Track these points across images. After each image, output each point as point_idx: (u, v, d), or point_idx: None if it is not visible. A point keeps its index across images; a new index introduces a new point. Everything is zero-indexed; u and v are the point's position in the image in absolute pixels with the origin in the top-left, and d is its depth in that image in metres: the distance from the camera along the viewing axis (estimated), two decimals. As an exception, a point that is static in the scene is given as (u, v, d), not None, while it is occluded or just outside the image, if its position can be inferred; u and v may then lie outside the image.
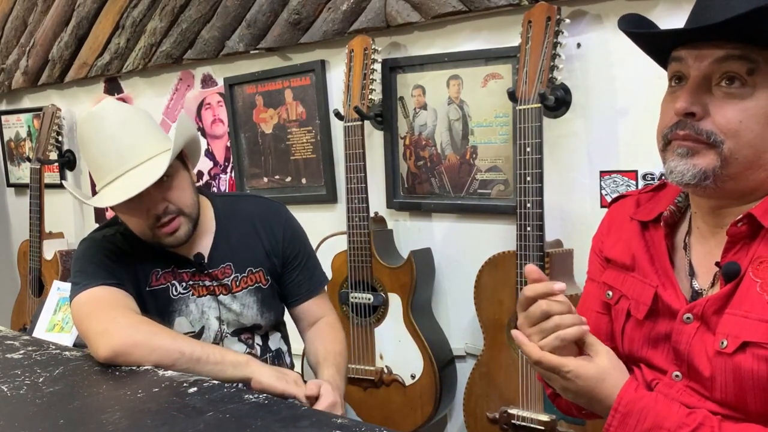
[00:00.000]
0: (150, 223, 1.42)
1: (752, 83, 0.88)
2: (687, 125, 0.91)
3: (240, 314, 1.56)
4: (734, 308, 0.91)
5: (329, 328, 1.65)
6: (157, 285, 1.51)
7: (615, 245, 1.11)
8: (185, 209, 1.45)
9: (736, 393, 0.90)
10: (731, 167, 0.90)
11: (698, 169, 0.91)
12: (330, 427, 0.96)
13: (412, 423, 2.10)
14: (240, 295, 1.56)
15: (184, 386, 1.16)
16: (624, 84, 1.78)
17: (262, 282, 1.59)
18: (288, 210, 1.69)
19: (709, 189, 0.93)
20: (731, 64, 0.88)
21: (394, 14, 2.09)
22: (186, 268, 1.53)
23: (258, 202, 1.67)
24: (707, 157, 0.91)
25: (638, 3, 1.71)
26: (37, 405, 1.11)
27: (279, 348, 1.66)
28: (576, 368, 0.94)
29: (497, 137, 2.01)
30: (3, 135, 3.68)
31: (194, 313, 1.53)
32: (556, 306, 0.94)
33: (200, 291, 1.54)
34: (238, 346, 1.58)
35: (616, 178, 1.82)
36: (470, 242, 2.12)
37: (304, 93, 2.44)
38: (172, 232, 1.43)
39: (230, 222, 1.59)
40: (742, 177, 0.91)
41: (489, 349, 1.91)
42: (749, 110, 0.88)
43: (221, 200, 1.63)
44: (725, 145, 0.89)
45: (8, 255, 3.74)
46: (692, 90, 0.91)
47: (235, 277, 1.56)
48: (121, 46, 2.90)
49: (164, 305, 1.51)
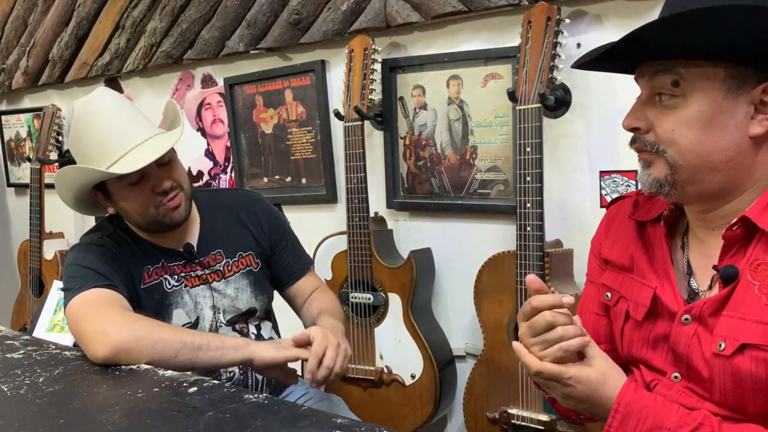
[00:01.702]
0: (155, 200, 1.47)
1: (681, 93, 0.93)
2: (637, 139, 1.00)
3: (235, 298, 1.60)
4: (732, 310, 0.91)
5: (322, 293, 1.74)
6: (151, 281, 1.53)
7: (613, 246, 1.11)
8: (184, 185, 1.52)
9: (734, 394, 0.90)
10: (681, 173, 0.95)
11: (653, 178, 0.97)
12: (330, 427, 0.96)
13: (412, 423, 2.10)
14: (233, 279, 1.60)
15: (184, 386, 1.16)
16: (624, 84, 1.77)
17: (252, 265, 1.64)
18: (265, 198, 1.76)
19: (673, 195, 0.97)
20: (659, 79, 0.95)
21: (394, 14, 2.09)
22: (176, 261, 1.56)
23: (237, 193, 1.77)
24: (659, 167, 0.97)
25: (638, 3, 1.71)
26: (37, 405, 1.11)
27: (271, 337, 1.69)
28: (576, 374, 0.95)
29: (497, 137, 2.01)
30: (3, 135, 3.68)
31: (189, 304, 1.56)
32: (561, 317, 0.95)
33: (193, 281, 1.57)
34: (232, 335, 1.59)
35: (616, 178, 1.82)
36: (470, 242, 2.12)
37: (304, 93, 2.44)
38: (175, 207, 1.49)
39: (213, 212, 1.64)
40: (698, 181, 0.95)
41: (489, 349, 1.91)
42: (680, 119, 0.93)
43: (201, 194, 1.69)
44: (667, 153, 0.95)
45: (8, 255, 3.74)
46: (636, 108, 0.99)
47: (227, 262, 1.60)
48: (121, 46, 2.90)
49: (161, 300, 1.53)
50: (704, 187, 0.95)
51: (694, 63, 0.91)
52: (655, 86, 0.95)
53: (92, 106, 1.46)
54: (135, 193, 1.46)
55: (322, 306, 1.66)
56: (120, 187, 1.46)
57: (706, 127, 0.92)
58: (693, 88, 0.92)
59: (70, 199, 1.52)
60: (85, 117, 1.45)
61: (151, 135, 1.46)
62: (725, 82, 0.91)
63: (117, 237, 1.53)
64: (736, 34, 0.86)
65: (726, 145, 0.92)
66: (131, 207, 1.48)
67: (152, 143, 1.44)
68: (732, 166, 0.93)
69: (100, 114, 1.45)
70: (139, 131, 1.45)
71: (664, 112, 0.95)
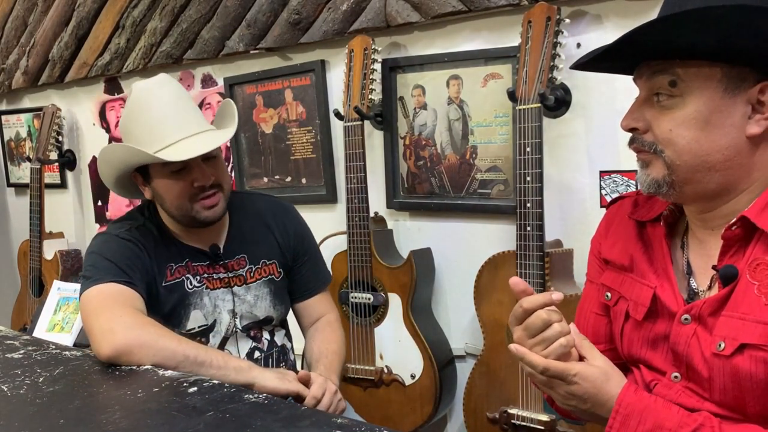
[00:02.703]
0: (192, 193, 1.47)
1: (678, 93, 0.93)
2: (636, 139, 1.00)
3: (254, 305, 1.59)
4: (731, 310, 0.91)
5: (328, 327, 1.69)
6: (173, 279, 1.53)
7: (613, 246, 1.11)
8: (225, 186, 1.52)
9: (734, 394, 0.90)
10: (679, 173, 0.95)
11: (651, 179, 0.97)
12: (330, 427, 0.96)
13: (412, 423, 2.10)
14: (254, 285, 1.59)
15: (184, 386, 1.16)
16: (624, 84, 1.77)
17: (275, 274, 1.63)
18: (296, 209, 1.74)
19: (671, 195, 0.97)
20: (656, 80, 0.95)
21: (394, 14, 2.09)
22: (200, 261, 1.55)
23: (268, 200, 1.73)
24: (657, 167, 0.97)
25: (638, 3, 1.71)
26: (37, 405, 1.11)
27: (284, 344, 1.68)
28: (581, 370, 0.95)
29: (497, 137, 2.01)
30: (3, 135, 3.68)
31: (207, 306, 1.55)
32: (555, 314, 0.96)
33: (214, 284, 1.56)
34: (245, 342, 1.59)
35: (616, 178, 1.82)
36: (470, 242, 2.12)
37: (304, 93, 2.44)
38: (212, 206, 1.49)
39: (242, 216, 1.63)
40: (696, 181, 0.95)
41: (489, 349, 1.91)
42: (678, 119, 0.93)
43: (233, 195, 1.65)
44: (665, 154, 0.95)
45: (8, 255, 3.74)
46: (634, 108, 0.99)
47: (250, 269, 1.60)
48: (121, 46, 2.90)
49: (180, 299, 1.52)
50: (702, 187, 0.95)
51: (691, 63, 0.91)
52: (653, 86, 0.96)
53: (152, 91, 1.48)
54: (175, 182, 1.47)
55: (323, 347, 1.63)
56: (162, 174, 1.47)
57: (703, 127, 0.92)
58: (690, 88, 0.92)
59: (110, 177, 1.53)
60: (143, 99, 1.47)
61: (202, 129, 1.48)
62: (722, 82, 0.91)
63: (144, 230, 1.53)
64: (733, 34, 0.86)
65: (724, 144, 0.92)
66: (168, 195, 1.49)
67: (203, 137, 1.46)
68: (730, 165, 0.93)
69: (159, 99, 1.47)
70: (192, 123, 1.47)
71: (662, 112, 0.95)
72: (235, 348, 1.58)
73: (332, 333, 1.68)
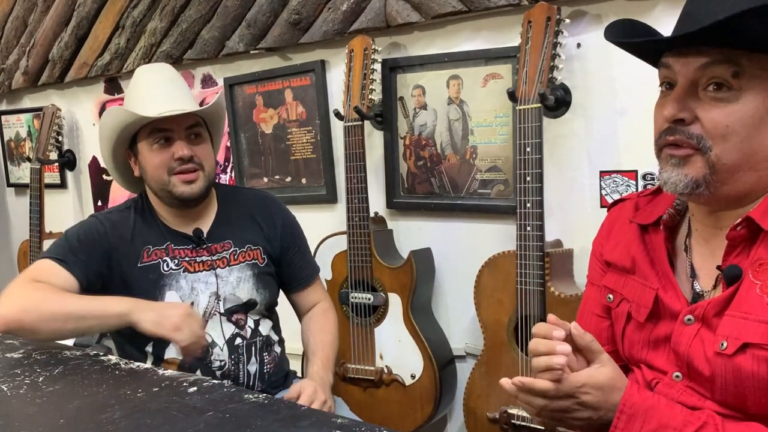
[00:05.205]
0: (171, 166, 1.54)
1: (738, 87, 0.89)
2: (677, 131, 0.92)
3: (236, 287, 1.62)
4: (734, 310, 0.91)
5: (322, 316, 1.76)
6: (148, 261, 1.58)
7: (615, 249, 1.11)
8: (206, 166, 1.58)
9: (736, 394, 0.90)
10: (720, 173, 0.91)
11: (690, 179, 0.92)
12: (330, 427, 0.96)
13: (412, 423, 2.10)
14: (237, 267, 1.63)
15: (184, 386, 1.16)
16: (624, 84, 1.78)
17: (259, 259, 1.66)
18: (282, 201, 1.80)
19: (703, 196, 0.93)
20: (716, 69, 0.89)
21: (394, 14, 2.09)
22: (184, 245, 1.60)
23: (256, 193, 1.80)
24: (696, 166, 0.92)
25: (638, 3, 1.71)
26: (37, 404, 1.11)
27: (269, 335, 1.68)
28: (587, 380, 0.93)
29: (497, 137, 2.01)
30: (3, 135, 3.68)
31: (184, 288, 1.58)
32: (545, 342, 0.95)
33: (195, 267, 1.60)
34: (228, 326, 1.61)
35: (616, 178, 1.82)
36: (470, 242, 2.12)
37: (304, 93, 2.44)
38: (190, 182, 1.54)
39: (231, 206, 1.69)
40: (734, 180, 0.92)
41: (489, 349, 1.91)
42: (735, 114, 0.89)
43: (222, 187, 1.76)
44: (713, 151, 0.90)
45: (8, 255, 3.74)
46: (680, 96, 0.92)
47: (234, 251, 1.64)
48: (121, 46, 2.90)
49: (155, 280, 1.57)
50: (738, 187, 0.93)
51: (756, 56, 0.88)
52: (708, 75, 0.90)
53: (151, 70, 1.63)
54: (157, 153, 1.54)
55: (318, 338, 1.70)
56: (148, 148, 1.55)
57: (758, 125, 0.89)
58: (752, 82, 0.88)
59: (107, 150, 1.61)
60: (141, 76, 1.60)
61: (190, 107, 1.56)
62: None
63: (126, 213, 1.61)
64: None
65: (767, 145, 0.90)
66: (149, 167, 1.56)
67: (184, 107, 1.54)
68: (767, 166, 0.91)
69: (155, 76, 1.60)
70: (180, 99, 1.56)
71: (714, 104, 0.90)
72: (216, 332, 1.59)
73: (327, 322, 1.75)
